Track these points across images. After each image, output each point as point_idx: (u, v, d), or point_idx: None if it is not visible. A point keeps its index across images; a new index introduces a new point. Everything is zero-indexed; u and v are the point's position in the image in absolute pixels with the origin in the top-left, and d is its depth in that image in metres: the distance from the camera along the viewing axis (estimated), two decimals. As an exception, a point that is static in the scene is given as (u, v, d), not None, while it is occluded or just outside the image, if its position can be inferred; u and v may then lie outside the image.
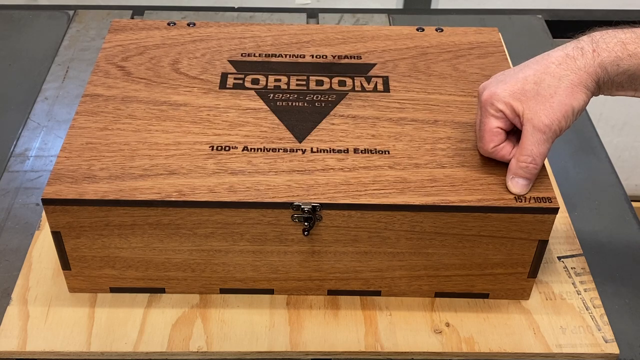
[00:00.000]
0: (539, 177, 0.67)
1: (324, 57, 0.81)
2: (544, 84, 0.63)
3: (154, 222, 0.65)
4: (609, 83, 0.63)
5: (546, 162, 0.83)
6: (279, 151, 0.69)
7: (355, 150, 0.69)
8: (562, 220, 0.79)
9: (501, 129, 0.65)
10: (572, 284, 0.73)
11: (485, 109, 0.65)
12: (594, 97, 0.65)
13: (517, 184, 0.65)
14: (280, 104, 0.74)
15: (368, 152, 0.69)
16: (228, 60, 0.80)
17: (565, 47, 0.64)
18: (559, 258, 0.76)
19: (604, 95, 0.65)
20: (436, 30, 0.85)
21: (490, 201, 0.64)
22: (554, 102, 0.63)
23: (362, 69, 0.79)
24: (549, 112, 0.63)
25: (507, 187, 0.65)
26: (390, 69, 0.80)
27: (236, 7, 1.21)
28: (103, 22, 1.11)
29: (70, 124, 0.71)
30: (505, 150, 0.66)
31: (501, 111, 0.65)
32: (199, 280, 0.70)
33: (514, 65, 0.83)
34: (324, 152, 0.69)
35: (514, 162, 0.65)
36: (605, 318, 0.71)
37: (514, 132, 0.67)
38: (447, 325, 0.69)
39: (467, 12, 1.24)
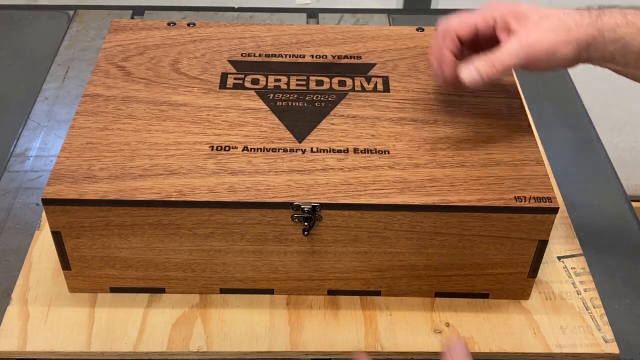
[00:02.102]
0: (539, 177, 0.67)
1: (324, 57, 0.81)
2: (547, 20, 0.66)
3: (154, 222, 0.65)
4: (602, 49, 0.66)
5: (546, 162, 0.83)
6: (279, 151, 0.69)
7: (355, 150, 0.69)
8: (562, 220, 0.79)
9: (474, 30, 0.69)
10: (572, 284, 0.73)
11: (482, 9, 0.69)
12: (594, 97, 0.66)
13: (470, 73, 0.66)
14: (280, 104, 0.74)
15: (368, 152, 0.69)
16: (228, 60, 0.80)
17: (578, 6, 0.68)
18: (559, 258, 0.76)
19: (594, 64, 0.68)
20: (436, 30, 0.85)
21: (490, 201, 0.64)
22: (548, 37, 0.65)
23: (362, 69, 0.79)
24: (539, 39, 0.65)
25: (458, 72, 0.67)
26: (390, 69, 0.80)
27: (236, 7, 1.21)
28: (103, 22, 1.11)
29: (70, 124, 0.71)
30: (451, 47, 0.69)
31: (494, 19, 0.68)
32: (199, 280, 0.70)
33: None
34: (324, 152, 0.69)
35: (483, 58, 0.66)
36: (605, 318, 0.71)
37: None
38: (447, 325, 0.69)
39: (467, 12, 1.23)
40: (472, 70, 0.66)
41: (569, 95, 1.00)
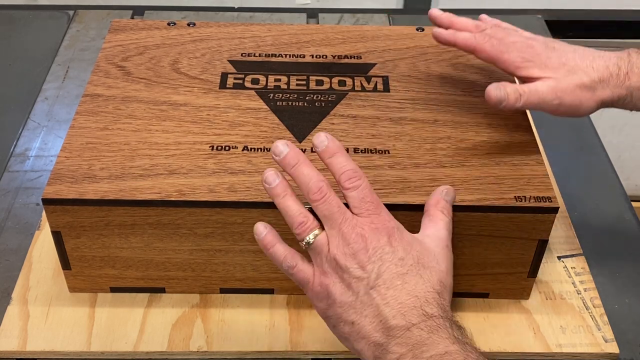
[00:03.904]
0: (539, 177, 0.67)
1: (324, 57, 0.81)
2: (576, 74, 0.66)
3: (154, 222, 0.65)
4: (630, 103, 0.67)
5: (546, 162, 0.83)
6: (279, 151, 0.68)
7: (355, 150, 0.69)
8: (562, 220, 0.79)
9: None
10: (572, 283, 0.73)
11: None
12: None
13: (499, 92, 0.66)
14: (280, 103, 0.74)
15: (368, 152, 0.69)
16: (228, 60, 0.80)
17: (609, 57, 0.67)
18: (559, 258, 0.76)
19: (617, 107, 0.69)
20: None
21: (490, 201, 0.64)
22: (575, 92, 0.66)
23: (362, 69, 0.79)
24: (568, 91, 0.66)
25: (489, 88, 0.66)
26: (390, 69, 0.80)
27: (236, 7, 1.21)
28: (103, 22, 1.11)
29: (70, 124, 0.71)
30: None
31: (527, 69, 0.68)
32: (199, 280, 0.70)
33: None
34: (324, 152, 0.69)
35: (515, 86, 0.67)
36: (605, 318, 0.71)
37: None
38: (447, 325, 0.69)
39: (467, 12, 1.23)
40: (502, 90, 0.66)
41: (569, 95, 1.00)
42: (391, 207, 0.64)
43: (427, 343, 0.53)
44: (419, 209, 0.64)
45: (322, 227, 0.58)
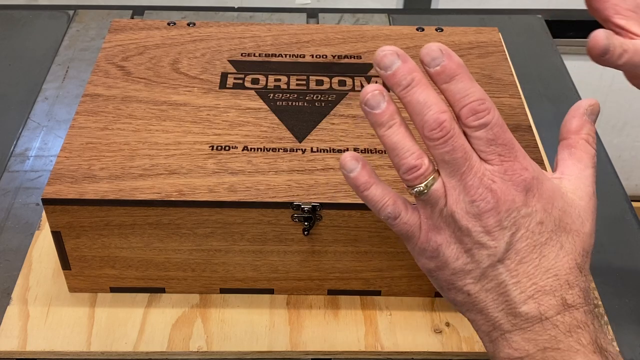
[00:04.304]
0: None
1: (324, 57, 0.81)
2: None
3: (154, 222, 0.65)
4: None
5: (546, 162, 0.83)
6: (279, 151, 0.69)
7: (356, 150, 0.69)
8: (562, 220, 0.79)
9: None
10: (572, 283, 0.73)
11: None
12: (594, 97, 0.65)
13: (608, 41, 0.53)
14: (280, 103, 0.74)
15: (368, 152, 0.69)
16: (228, 60, 0.80)
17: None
18: (559, 258, 0.76)
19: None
20: (436, 30, 0.86)
21: (490, 201, 0.64)
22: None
23: (362, 69, 0.79)
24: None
25: (597, 33, 0.53)
26: (390, 69, 0.79)
27: (236, 7, 1.21)
28: (103, 22, 1.11)
29: (70, 123, 0.71)
30: None
31: None
32: (199, 280, 0.70)
33: (513, 65, 0.84)
34: (324, 151, 0.69)
35: (621, 38, 0.54)
36: (606, 318, 0.70)
37: None
38: (447, 325, 0.69)
39: (467, 12, 1.24)
40: (610, 39, 0.53)
41: (569, 95, 1.00)
42: (391, 207, 0.64)
43: (561, 348, 0.43)
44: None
45: (438, 172, 0.46)
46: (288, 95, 0.75)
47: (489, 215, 0.44)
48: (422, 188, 0.45)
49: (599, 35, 0.53)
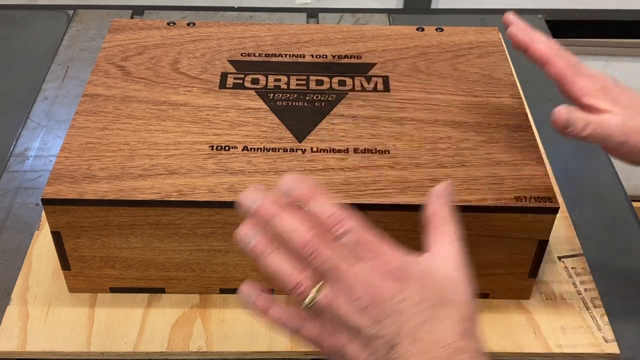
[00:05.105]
0: (539, 177, 0.67)
1: (324, 56, 0.81)
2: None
3: (153, 222, 0.65)
4: None
5: (546, 162, 0.83)
6: (279, 151, 0.68)
7: (356, 150, 0.69)
8: (562, 220, 0.79)
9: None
10: (573, 284, 0.73)
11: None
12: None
13: (564, 114, 0.61)
14: (280, 103, 0.74)
15: (368, 152, 0.69)
16: (228, 60, 0.80)
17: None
18: (559, 258, 0.76)
19: None
20: (436, 30, 0.85)
21: (490, 201, 0.64)
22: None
23: (362, 69, 0.79)
24: (631, 128, 0.62)
25: (559, 109, 0.61)
26: (390, 69, 0.79)
27: (236, 7, 1.21)
28: (103, 22, 1.11)
29: (70, 123, 0.71)
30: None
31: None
32: (199, 280, 0.70)
33: (513, 65, 0.84)
34: (324, 151, 0.69)
35: (583, 114, 0.62)
36: (606, 318, 0.70)
37: None
38: (447, 325, 0.69)
39: (467, 12, 1.24)
40: (572, 115, 0.61)
41: (569, 95, 1.00)
42: (391, 207, 0.64)
43: None
44: (420, 209, 0.64)
45: (322, 280, 0.51)
46: (288, 95, 0.75)
47: (371, 309, 0.49)
48: (308, 301, 0.50)
49: (561, 111, 0.61)
